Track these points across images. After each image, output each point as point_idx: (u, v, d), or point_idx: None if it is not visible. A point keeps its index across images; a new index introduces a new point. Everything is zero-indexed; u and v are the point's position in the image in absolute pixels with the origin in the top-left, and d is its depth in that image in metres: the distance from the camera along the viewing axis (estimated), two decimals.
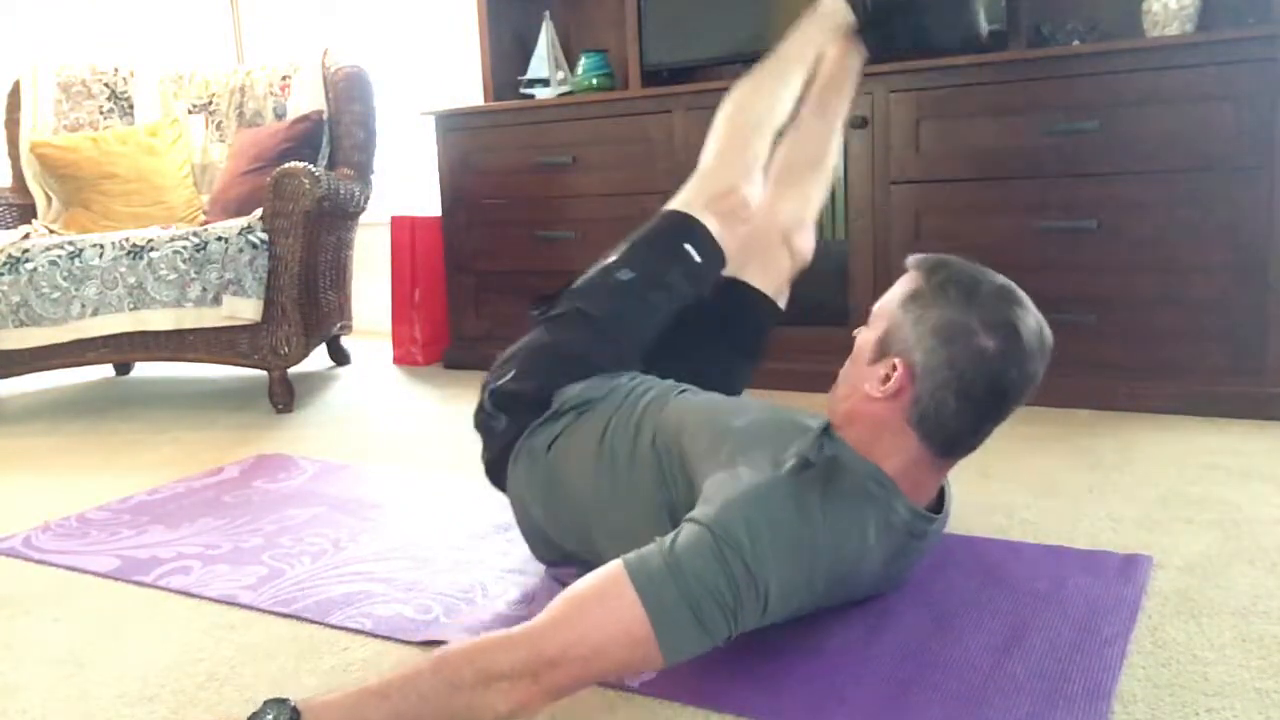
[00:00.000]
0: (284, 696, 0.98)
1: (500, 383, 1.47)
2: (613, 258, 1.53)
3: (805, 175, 1.71)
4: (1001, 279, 1.17)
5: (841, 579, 1.13)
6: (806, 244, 1.68)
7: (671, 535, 1.05)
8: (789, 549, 1.04)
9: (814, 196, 1.72)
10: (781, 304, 1.67)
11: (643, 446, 1.30)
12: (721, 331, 1.58)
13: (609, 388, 1.42)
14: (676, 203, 1.59)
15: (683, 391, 1.40)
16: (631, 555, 1.03)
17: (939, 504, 1.25)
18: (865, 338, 1.22)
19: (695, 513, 1.08)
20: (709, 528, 1.03)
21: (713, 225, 1.54)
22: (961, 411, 1.12)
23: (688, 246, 1.52)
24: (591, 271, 1.53)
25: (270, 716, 0.95)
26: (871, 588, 1.26)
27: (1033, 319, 1.13)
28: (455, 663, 0.98)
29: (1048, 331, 1.15)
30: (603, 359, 1.45)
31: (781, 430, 1.21)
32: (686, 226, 1.54)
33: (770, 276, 1.64)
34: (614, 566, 1.02)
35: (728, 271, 1.60)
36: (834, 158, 1.76)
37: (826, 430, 1.20)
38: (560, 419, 1.40)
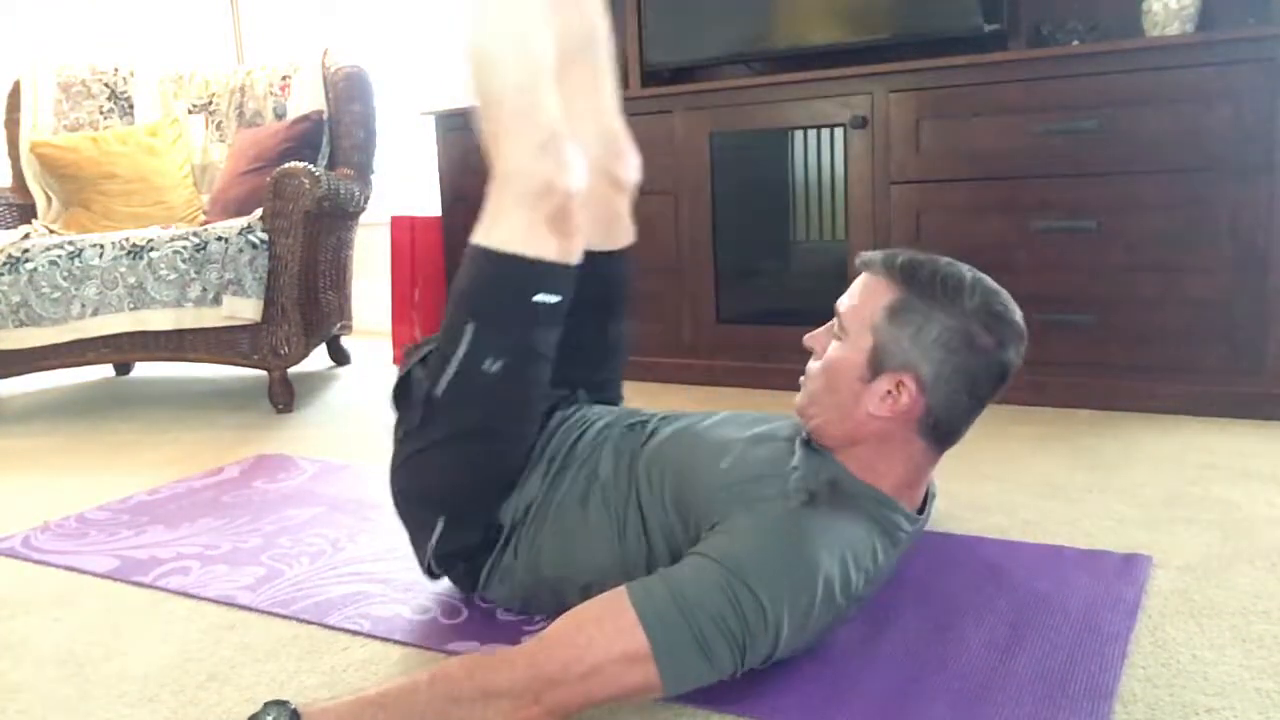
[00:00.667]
0: (284, 699, 0.98)
1: (435, 544, 1.32)
2: (463, 344, 1.23)
3: (582, 66, 1.35)
4: (968, 269, 1.15)
5: (858, 600, 1.13)
6: (629, 170, 1.41)
7: (675, 567, 1.05)
8: (800, 583, 1.03)
9: (603, 83, 1.38)
10: (628, 241, 1.45)
11: (632, 512, 1.24)
12: (582, 307, 1.34)
13: (545, 470, 1.31)
14: (495, 237, 1.23)
15: (637, 428, 1.32)
16: (635, 581, 1.04)
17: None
18: (846, 355, 1.15)
19: (700, 547, 1.07)
20: (718, 561, 1.02)
21: (550, 248, 1.22)
22: (971, 408, 1.13)
23: (539, 298, 1.23)
24: (449, 367, 1.25)
25: (271, 718, 0.96)
26: None
27: (1011, 301, 1.14)
28: (455, 677, 0.98)
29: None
30: (521, 457, 1.31)
31: (770, 459, 1.17)
32: (524, 273, 1.23)
33: (611, 229, 1.42)
34: (617, 591, 1.02)
35: None
36: (601, 15, 1.37)
37: (808, 444, 1.19)
38: (516, 533, 1.30)
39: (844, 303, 1.18)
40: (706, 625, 0.98)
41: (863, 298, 1.15)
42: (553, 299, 1.24)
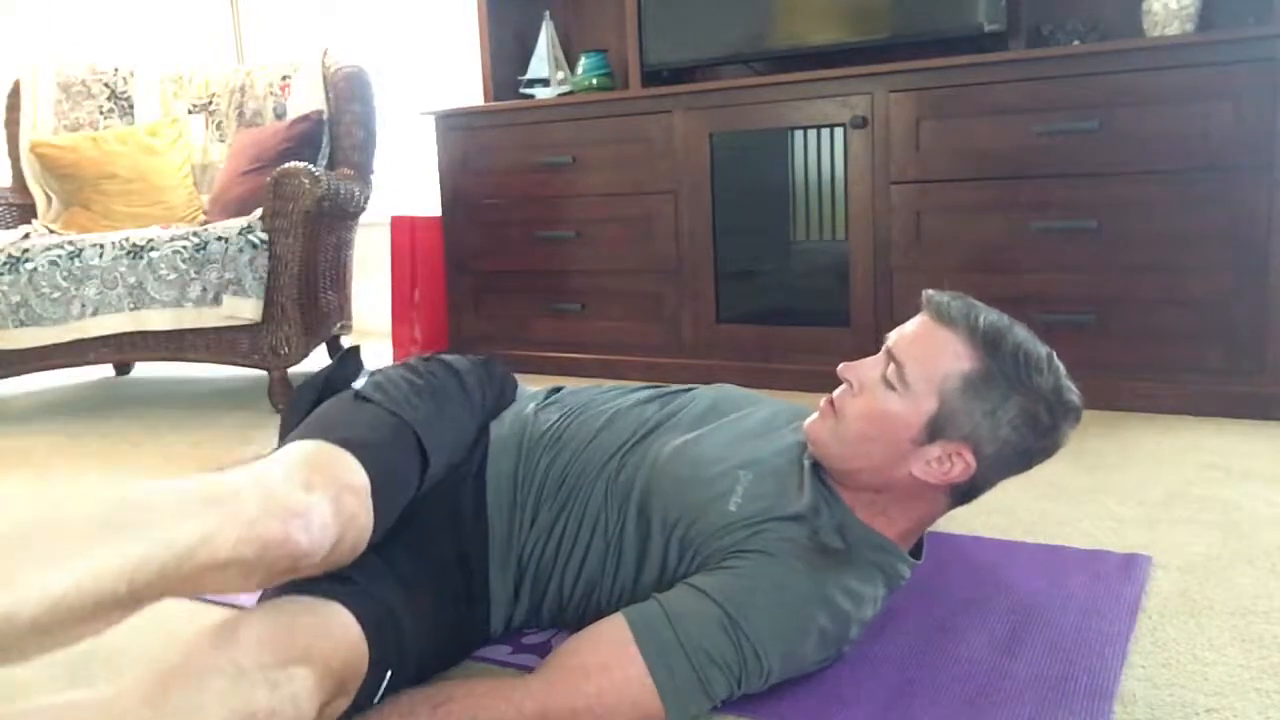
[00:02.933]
0: None
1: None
2: None
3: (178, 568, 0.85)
4: (1040, 341, 1.11)
5: (847, 640, 1.14)
6: (307, 541, 0.92)
7: (678, 600, 1.04)
8: (794, 635, 1.05)
9: (201, 534, 0.86)
10: (369, 532, 1.01)
11: (629, 548, 1.18)
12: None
13: (517, 549, 1.20)
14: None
15: (625, 458, 1.22)
16: (636, 618, 1.03)
17: None
18: (902, 412, 1.08)
19: (703, 581, 1.06)
20: (719, 603, 1.03)
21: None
22: (1009, 477, 1.14)
23: (378, 698, 1.00)
24: None
25: None
26: None
27: (1073, 382, 1.11)
28: (458, 713, 0.98)
29: None
30: (478, 585, 1.19)
31: (776, 491, 1.14)
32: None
33: (351, 552, 1.00)
34: (619, 630, 1.02)
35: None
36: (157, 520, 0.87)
37: (816, 470, 1.17)
38: (509, 619, 1.23)
39: (904, 349, 1.10)
40: (709, 667, 1.00)
41: (933, 354, 1.08)
42: (377, 689, 0.98)
